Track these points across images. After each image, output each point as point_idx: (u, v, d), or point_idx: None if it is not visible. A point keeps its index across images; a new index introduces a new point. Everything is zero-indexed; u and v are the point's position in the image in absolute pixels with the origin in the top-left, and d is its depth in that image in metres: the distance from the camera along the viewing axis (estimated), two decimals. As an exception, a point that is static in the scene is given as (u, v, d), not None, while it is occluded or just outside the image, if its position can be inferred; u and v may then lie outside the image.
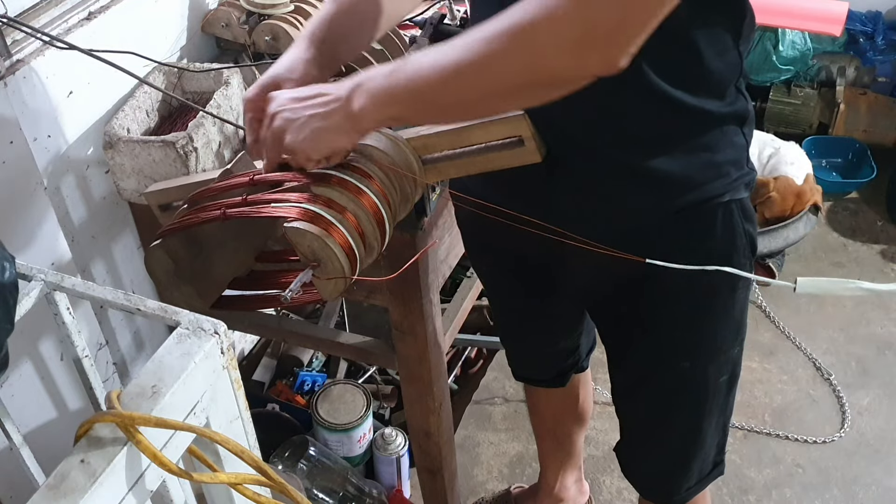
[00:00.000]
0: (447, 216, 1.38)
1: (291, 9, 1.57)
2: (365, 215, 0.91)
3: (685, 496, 1.29)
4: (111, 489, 0.65)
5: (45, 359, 1.31)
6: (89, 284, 0.82)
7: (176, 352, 0.72)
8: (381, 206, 0.93)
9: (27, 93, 1.24)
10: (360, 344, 1.53)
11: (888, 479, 1.92)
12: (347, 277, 0.90)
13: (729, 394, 1.20)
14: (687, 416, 1.20)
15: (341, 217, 0.89)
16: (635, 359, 1.20)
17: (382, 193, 0.94)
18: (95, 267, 1.48)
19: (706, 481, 1.29)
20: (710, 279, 0.96)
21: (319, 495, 1.66)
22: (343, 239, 0.88)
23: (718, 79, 0.96)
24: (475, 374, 2.22)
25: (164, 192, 1.12)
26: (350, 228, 0.89)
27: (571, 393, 1.60)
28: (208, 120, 1.34)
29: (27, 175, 1.25)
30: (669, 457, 1.27)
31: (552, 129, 0.95)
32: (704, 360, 1.14)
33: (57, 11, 1.31)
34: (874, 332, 2.29)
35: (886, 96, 2.78)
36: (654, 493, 1.35)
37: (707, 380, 1.16)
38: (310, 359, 2.09)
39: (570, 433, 1.70)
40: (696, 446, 1.23)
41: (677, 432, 1.23)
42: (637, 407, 1.27)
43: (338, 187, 0.91)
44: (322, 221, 0.88)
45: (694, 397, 1.18)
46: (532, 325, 1.40)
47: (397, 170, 0.95)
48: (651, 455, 1.31)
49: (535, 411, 1.68)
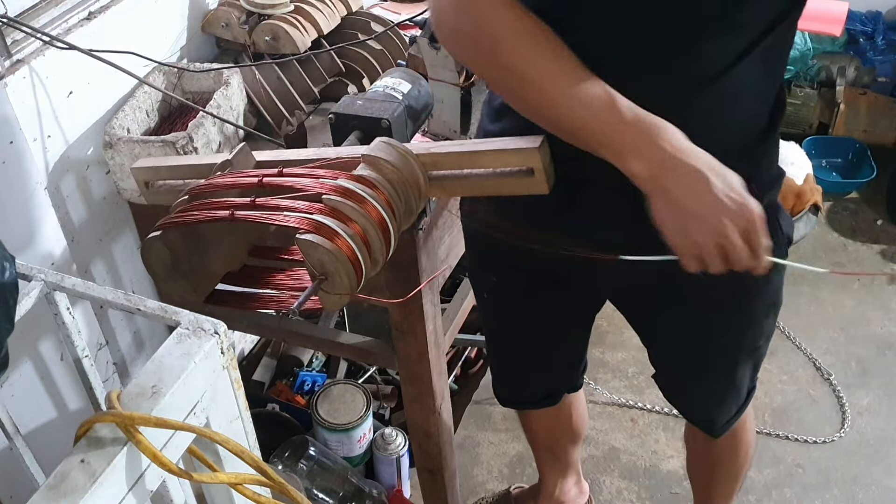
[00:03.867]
0: (447, 216, 1.38)
1: (291, 9, 1.57)
2: (373, 228, 0.91)
3: (726, 427, 1.35)
4: (111, 489, 0.65)
5: (45, 359, 1.31)
6: (89, 284, 0.82)
7: (176, 352, 0.72)
8: (388, 219, 0.93)
9: (27, 93, 1.24)
10: (360, 344, 1.53)
11: (888, 479, 1.92)
12: (353, 292, 0.90)
13: (763, 349, 1.26)
14: (721, 376, 1.27)
15: (351, 231, 0.89)
16: (670, 335, 1.25)
17: (389, 206, 0.94)
18: (95, 267, 1.48)
19: (743, 409, 1.34)
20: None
21: (319, 495, 1.66)
22: (351, 252, 0.88)
23: (782, 85, 1.01)
24: (475, 374, 2.22)
25: (153, 170, 1.11)
26: (358, 242, 0.89)
27: (564, 412, 1.59)
28: (208, 120, 1.34)
29: (27, 175, 1.25)
30: (706, 401, 1.33)
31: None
32: (740, 332, 1.19)
33: (57, 11, 1.31)
34: (874, 332, 2.29)
35: (886, 96, 2.78)
36: (698, 425, 1.40)
37: (742, 346, 1.22)
38: (310, 359, 2.09)
39: (566, 448, 1.71)
40: (731, 391, 1.29)
41: (712, 387, 1.30)
42: (670, 372, 1.33)
43: (349, 199, 0.91)
44: (332, 233, 0.88)
45: (729, 360, 1.24)
46: (536, 331, 1.35)
47: (405, 184, 0.95)
48: (688, 400, 1.37)
49: (529, 430, 1.68)
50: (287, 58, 1.53)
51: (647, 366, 1.34)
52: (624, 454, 2.00)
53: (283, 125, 1.50)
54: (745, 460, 1.49)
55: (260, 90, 1.50)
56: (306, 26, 1.55)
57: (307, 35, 1.55)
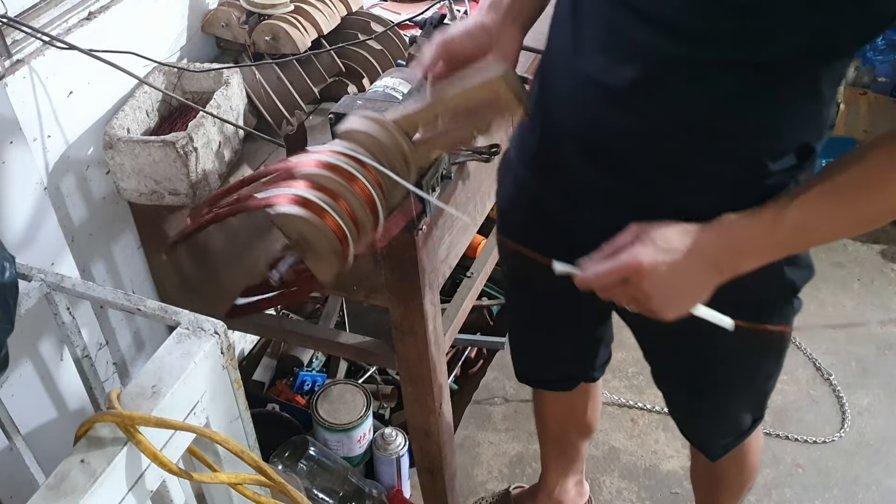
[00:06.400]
0: (447, 216, 1.38)
1: (291, 9, 1.57)
2: (355, 198, 0.90)
3: (722, 452, 1.34)
4: (111, 489, 0.65)
5: (45, 359, 1.31)
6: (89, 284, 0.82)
7: (176, 352, 0.72)
8: (373, 190, 0.92)
9: (27, 93, 1.24)
10: (360, 344, 1.53)
11: (888, 479, 1.92)
12: (341, 255, 0.88)
13: (761, 386, 1.28)
14: (712, 408, 1.28)
15: (327, 198, 0.88)
16: (659, 359, 1.27)
17: (374, 178, 0.93)
18: (95, 267, 1.48)
19: (743, 437, 1.33)
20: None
21: (319, 495, 1.66)
22: (329, 217, 0.87)
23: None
24: (475, 374, 2.22)
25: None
26: (337, 208, 0.88)
27: (578, 403, 1.59)
28: (208, 120, 1.34)
29: (27, 175, 1.25)
30: (699, 427, 1.35)
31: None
32: (728, 371, 1.20)
33: (57, 11, 1.31)
34: (874, 332, 2.29)
35: (886, 96, 2.78)
36: (694, 445, 1.41)
37: (732, 384, 1.23)
38: (310, 359, 2.09)
39: (574, 442, 1.70)
40: (726, 421, 1.30)
41: (707, 414, 1.31)
42: (664, 391, 1.34)
43: (328, 171, 0.90)
44: (307, 203, 0.87)
45: (719, 394, 1.25)
46: (558, 311, 1.34)
47: (384, 150, 0.94)
48: (681, 420, 1.37)
49: (540, 417, 1.67)
50: (287, 58, 1.53)
51: (646, 366, 1.34)
52: (624, 454, 2.00)
53: (283, 125, 1.50)
54: (748, 479, 1.48)
55: (260, 90, 1.50)
56: (306, 26, 1.55)
57: (307, 35, 1.55)
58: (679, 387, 1.30)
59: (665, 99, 0.91)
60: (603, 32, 0.94)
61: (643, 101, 0.92)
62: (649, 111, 0.92)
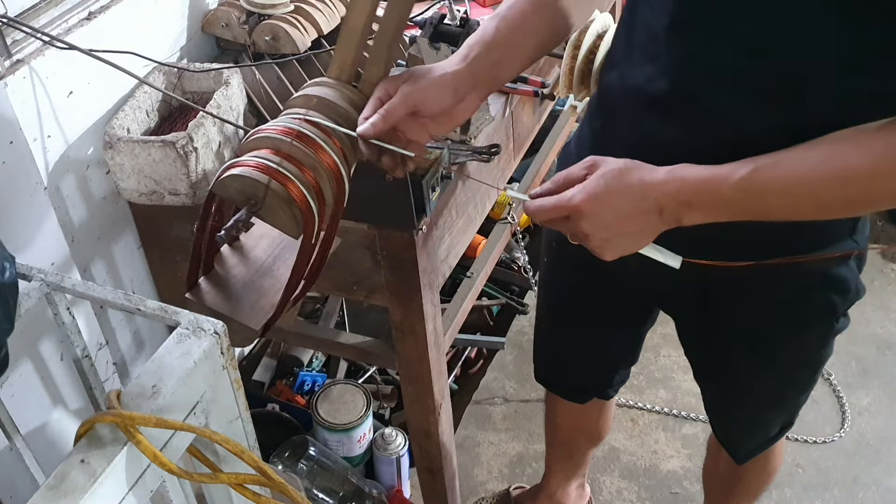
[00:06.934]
0: (447, 216, 1.38)
1: (291, 9, 1.57)
2: (286, 143, 0.89)
3: (749, 456, 1.37)
4: (111, 489, 0.65)
5: (45, 359, 1.31)
6: (89, 284, 0.82)
7: (176, 352, 0.72)
8: (309, 131, 0.91)
9: (27, 93, 1.24)
10: (360, 344, 1.53)
11: (888, 479, 1.92)
12: (294, 202, 0.86)
13: (793, 399, 1.29)
14: (746, 411, 1.31)
15: (267, 155, 0.88)
16: (699, 358, 1.30)
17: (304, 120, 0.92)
18: (95, 267, 1.48)
19: (771, 442, 1.37)
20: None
21: (319, 495, 1.66)
22: (259, 164, 0.87)
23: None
24: (475, 374, 2.22)
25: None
26: (269, 156, 0.88)
27: (590, 415, 1.59)
28: (208, 120, 1.34)
29: (27, 175, 1.25)
30: (731, 428, 1.38)
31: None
32: (766, 378, 1.23)
33: (57, 11, 1.31)
34: (874, 332, 2.29)
35: None
36: (724, 446, 1.41)
37: (767, 391, 1.26)
38: (310, 359, 2.09)
39: (582, 447, 1.70)
40: (756, 426, 1.33)
41: (737, 418, 1.34)
42: (702, 389, 1.35)
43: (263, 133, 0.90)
44: (239, 164, 0.87)
45: (754, 398, 1.28)
46: (596, 304, 1.32)
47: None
48: (716, 421, 1.40)
49: (551, 421, 1.67)
50: (287, 58, 1.53)
51: (646, 366, 1.34)
52: (624, 454, 2.00)
53: (283, 125, 1.50)
54: (767, 482, 1.51)
55: (260, 90, 1.50)
56: (306, 26, 1.56)
57: (307, 35, 1.55)
58: (713, 388, 1.33)
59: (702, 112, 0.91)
60: (648, 42, 0.94)
61: (681, 113, 0.92)
62: (693, 125, 0.92)
